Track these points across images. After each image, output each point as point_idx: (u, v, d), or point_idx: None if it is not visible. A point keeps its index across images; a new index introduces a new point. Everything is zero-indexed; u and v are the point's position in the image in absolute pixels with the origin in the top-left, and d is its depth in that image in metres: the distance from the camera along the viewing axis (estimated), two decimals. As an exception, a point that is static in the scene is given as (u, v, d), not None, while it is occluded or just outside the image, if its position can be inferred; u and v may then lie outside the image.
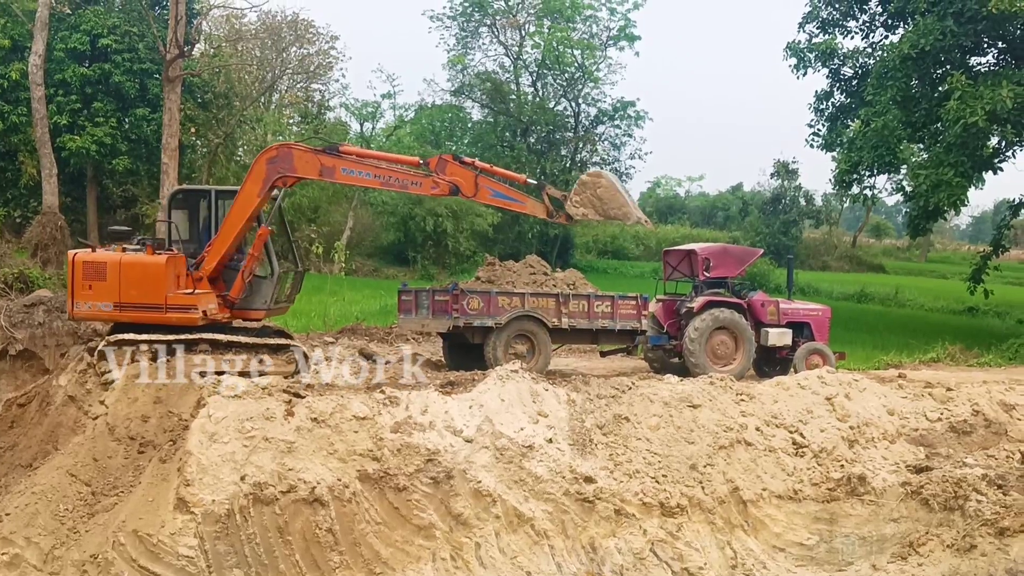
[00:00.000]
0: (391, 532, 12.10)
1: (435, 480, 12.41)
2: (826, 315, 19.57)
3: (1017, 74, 25.27)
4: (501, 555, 12.40)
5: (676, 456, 13.55)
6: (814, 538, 13.54)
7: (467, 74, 54.25)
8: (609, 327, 17.59)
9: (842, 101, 34.43)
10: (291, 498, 11.70)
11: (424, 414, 13.13)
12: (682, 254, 19.61)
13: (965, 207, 31.98)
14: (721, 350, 17.92)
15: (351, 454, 12.29)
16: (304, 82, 49.22)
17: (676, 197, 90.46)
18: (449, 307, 16.64)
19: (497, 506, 12.53)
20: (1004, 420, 15.76)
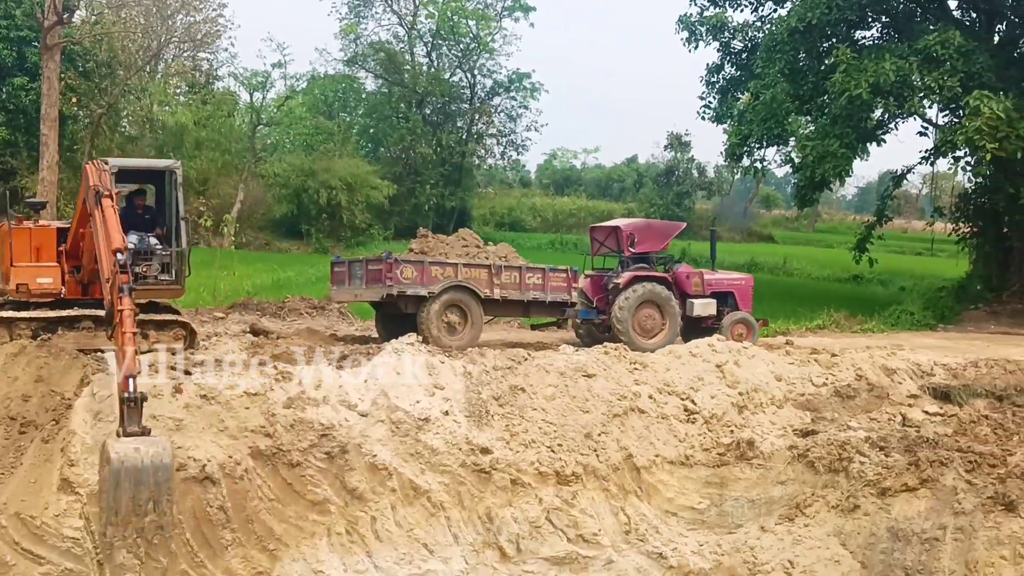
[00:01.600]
0: (285, 508, 11.96)
1: (330, 455, 12.30)
2: (749, 284, 19.99)
3: (899, 48, 25.93)
4: (397, 528, 12.38)
5: (571, 425, 13.66)
6: (705, 502, 13.82)
7: (360, 44, 53.58)
8: (540, 299, 17.80)
9: (733, 74, 34.92)
10: (181, 476, 11.42)
11: (318, 389, 12.97)
12: (608, 230, 19.88)
13: (850, 178, 32.97)
14: (648, 323, 18.15)
15: (242, 431, 12.08)
16: (191, 51, 47.97)
17: (572, 169, 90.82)
18: (383, 276, 16.68)
19: (393, 479, 12.48)
20: (886, 384, 16.31)
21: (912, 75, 24.96)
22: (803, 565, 13.12)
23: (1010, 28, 28.93)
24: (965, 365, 17.37)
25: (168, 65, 48.67)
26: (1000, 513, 12.57)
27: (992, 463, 13.36)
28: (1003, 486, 12.75)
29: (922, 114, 28.37)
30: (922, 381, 16.73)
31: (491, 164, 59.74)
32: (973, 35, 27.18)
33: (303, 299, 23.99)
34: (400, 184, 48.68)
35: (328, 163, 45.44)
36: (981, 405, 16.16)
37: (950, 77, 24.84)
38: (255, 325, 19.47)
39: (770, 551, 13.33)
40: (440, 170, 50.93)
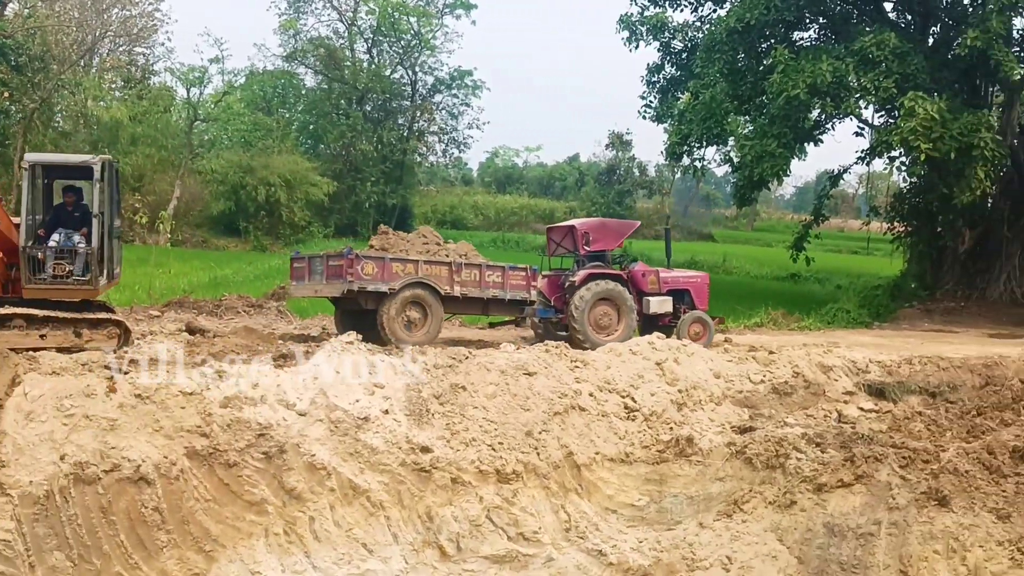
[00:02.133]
0: (221, 509, 11.80)
1: (267, 455, 12.15)
2: (704, 281, 20.21)
3: (836, 49, 26.29)
4: (336, 528, 12.28)
5: (512, 423, 13.63)
6: (644, 499, 13.88)
7: (299, 39, 53.07)
8: (500, 296, 17.85)
9: (673, 74, 35.12)
10: (115, 477, 11.24)
11: (255, 388, 12.82)
12: (564, 230, 19.99)
13: (788, 177, 33.35)
14: (604, 320, 18.28)
15: (178, 430, 11.88)
16: (127, 45, 47.17)
17: (514, 167, 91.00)
18: (344, 271, 16.64)
19: (332, 479, 12.37)
20: (822, 381, 16.52)
21: (848, 76, 25.31)
22: (741, 561, 13.23)
23: (944, 30, 29.47)
24: (899, 362, 17.65)
25: (103, 60, 47.80)
26: (933, 508, 12.77)
27: (925, 459, 13.58)
28: (936, 481, 12.96)
29: (858, 115, 28.78)
30: (857, 378, 16.97)
31: (433, 162, 59.64)
32: (908, 37, 27.65)
33: (240, 297, 23.70)
34: (340, 181, 48.32)
35: (267, 160, 44.96)
36: (915, 402, 16.44)
37: (885, 78, 25.23)
38: (191, 324, 19.18)
39: (708, 547, 13.43)
40: (381, 167, 50.66)
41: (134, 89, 47.11)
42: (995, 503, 12.64)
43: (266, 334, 18.69)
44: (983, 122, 25.25)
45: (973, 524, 12.50)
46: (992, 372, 17.28)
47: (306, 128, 56.36)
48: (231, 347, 16.00)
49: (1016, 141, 29.59)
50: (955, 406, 16.25)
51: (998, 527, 12.44)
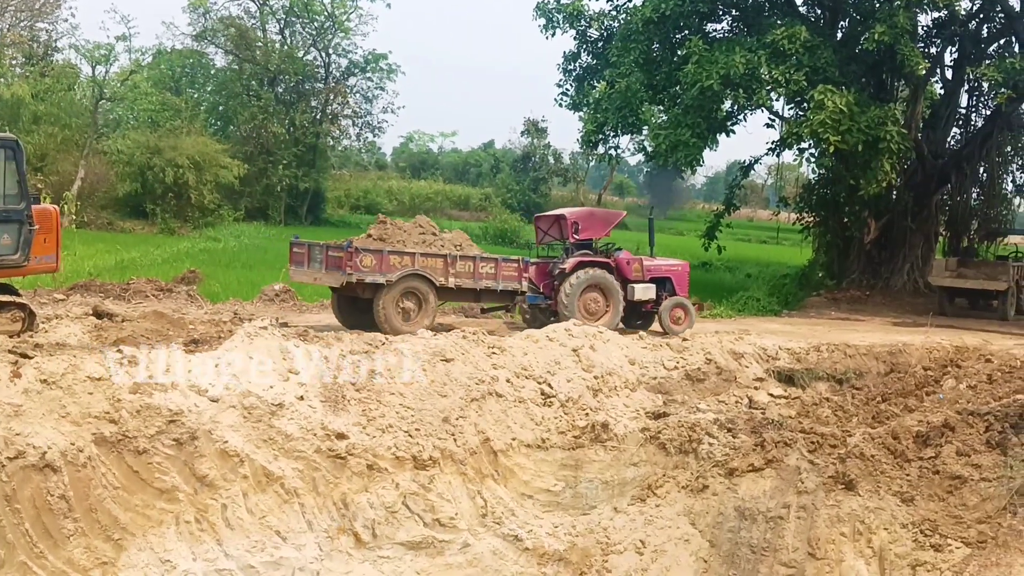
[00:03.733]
0: (131, 496, 11.54)
1: (178, 441, 11.91)
2: (685, 269, 21.06)
3: (749, 41, 26.67)
4: (249, 515, 12.12)
5: (429, 410, 13.59)
6: (560, 484, 13.98)
7: (209, 18, 51.92)
8: (492, 287, 18.35)
9: (589, 62, 35.20)
10: (19, 464, 10.88)
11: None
12: (552, 219, 20.62)
13: (701, 167, 33.73)
14: (592, 307, 18.87)
15: (85, 417, 11.57)
16: (28, 20, 45.59)
17: (429, 153, 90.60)
18: (343, 263, 17.09)
19: (245, 466, 12.19)
20: (734, 368, 16.80)
21: (760, 68, 25.67)
22: (654, 544, 13.44)
23: (852, 25, 30.07)
24: (808, 349, 18.02)
25: (3, 35, 46.13)
26: (840, 492, 13.11)
27: (833, 443, 13.92)
28: (843, 466, 13.29)
29: (769, 106, 29.25)
30: (768, 365, 17.28)
31: (346, 145, 58.97)
32: (818, 31, 28.17)
33: (149, 281, 23.15)
34: (251, 164, 47.48)
35: (175, 141, 43.86)
36: (823, 388, 16.81)
37: (796, 71, 25.69)
38: (99, 307, 18.68)
39: (623, 531, 13.61)
40: (293, 150, 49.99)
41: (36, 66, 45.62)
42: (899, 487, 13.02)
43: (176, 318, 18.30)
44: (889, 116, 25.89)
45: (878, 507, 12.87)
46: (896, 359, 17.75)
47: (216, 109, 55.30)
48: (140, 332, 15.66)
49: (920, 134, 30.43)
50: (861, 392, 16.67)
51: (902, 510, 12.82)
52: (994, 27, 31.55)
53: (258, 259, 31.51)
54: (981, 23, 31.49)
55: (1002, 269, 27.04)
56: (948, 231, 34.21)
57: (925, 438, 13.61)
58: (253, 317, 17.31)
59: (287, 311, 20.75)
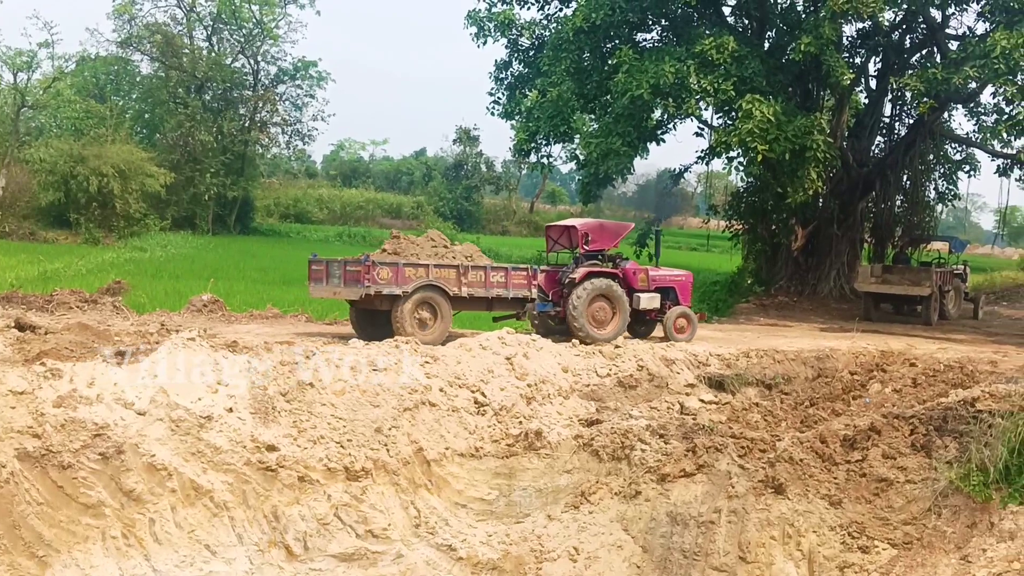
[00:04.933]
0: (55, 512, 11.30)
1: (104, 456, 11.69)
2: (688, 279, 21.42)
3: (678, 51, 26.88)
4: (178, 530, 11.94)
5: (361, 420, 13.50)
6: (494, 493, 13.96)
7: (135, 25, 51.04)
8: (503, 295, 18.88)
9: (520, 71, 35.23)
10: (-63, 482, 10.60)
11: (91, 387, 12.31)
12: (562, 229, 21.15)
13: (632, 175, 33.92)
14: (600, 315, 19.15)
15: (8, 431, 11.30)
16: (-54, 26, 44.39)
17: (360, 161, 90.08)
18: (361, 277, 17.57)
19: (173, 480, 12.01)
20: (665, 374, 16.94)
21: (689, 78, 25.88)
22: (587, 551, 13.48)
23: (779, 35, 30.49)
24: (738, 355, 18.23)
25: (-81, 40, 44.95)
26: (770, 496, 13.28)
27: (762, 448, 14.10)
28: (772, 470, 13.47)
29: (698, 115, 29.49)
30: (698, 371, 17.46)
31: (276, 153, 58.42)
32: (746, 41, 28.51)
33: (73, 292, 22.61)
34: (178, 172, 46.76)
35: (99, 149, 43.02)
36: (752, 393, 17.03)
37: (724, 81, 25.96)
38: (21, 320, 18.16)
39: (556, 538, 13.63)
40: (221, 158, 49.38)
41: (-47, 72, 44.49)
42: (827, 490, 13.23)
43: (101, 330, 17.91)
44: (815, 125, 26.29)
45: (807, 510, 13.06)
46: (823, 364, 18.05)
47: (141, 117, 54.36)
48: (64, 344, 15.28)
49: (845, 143, 30.98)
50: (790, 397, 16.92)
51: (830, 513, 13.03)
52: (916, 38, 32.27)
53: (185, 269, 31.03)
54: (904, 34, 32.19)
55: (925, 275, 27.61)
56: (873, 238, 34.87)
57: (852, 441, 13.84)
58: (181, 328, 17.00)
59: (215, 322, 20.42)
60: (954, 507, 12.36)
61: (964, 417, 13.50)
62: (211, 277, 26.59)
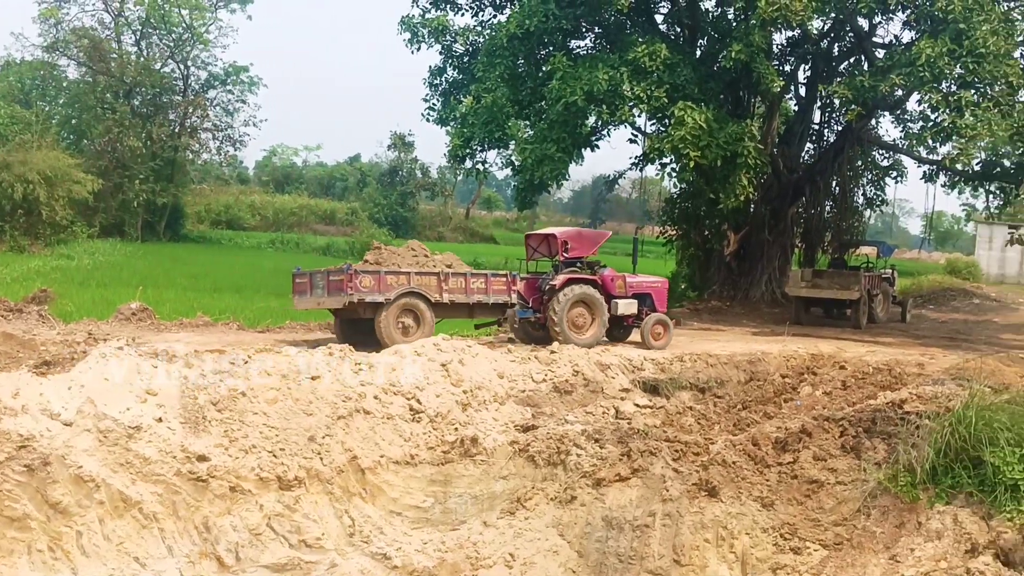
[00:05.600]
0: (-22, 527, 10.99)
1: (29, 468, 11.43)
2: (664, 286, 22.20)
3: (611, 58, 27.06)
4: (106, 542, 11.72)
5: (294, 428, 13.37)
6: (429, 500, 13.90)
7: (61, 29, 50.09)
8: (484, 301, 19.43)
9: (455, 77, 35.21)
10: None
11: (15, 398, 12.03)
12: (541, 237, 21.64)
13: (567, 181, 34.08)
14: (579, 321, 19.69)
15: (-72, 444, 10.98)
16: None
17: (293, 166, 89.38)
18: (344, 285, 17.93)
19: (101, 491, 11.78)
20: (600, 379, 17.01)
21: (623, 85, 26.05)
22: (523, 557, 13.46)
23: (710, 43, 30.82)
24: (672, 360, 18.38)
25: None
26: (704, 499, 13.39)
27: (696, 451, 14.22)
28: (706, 473, 13.59)
29: (632, 122, 29.68)
30: (633, 375, 17.57)
31: (206, 159, 57.62)
32: (678, 49, 28.80)
33: (-3, 301, 22.08)
34: (106, 179, 45.90)
35: (25, 155, 41.97)
36: (686, 397, 17.17)
37: (657, 88, 26.18)
38: (-60, 330, 17.72)
39: (492, 545, 13.59)
40: (151, 164, 48.62)
41: None
42: (760, 492, 13.37)
43: (27, 340, 17.53)
44: (746, 131, 26.63)
45: (740, 512, 13.19)
46: (756, 368, 18.28)
47: (68, 122, 53.28)
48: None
49: (776, 150, 31.43)
50: (723, 400, 17.09)
51: (763, 515, 13.17)
52: (844, 46, 32.89)
53: (113, 277, 30.46)
54: (832, 42, 32.77)
55: (854, 279, 28.11)
56: (803, 243, 35.44)
57: (784, 444, 14.02)
58: (109, 337, 16.70)
59: (144, 330, 20.08)
60: (883, 507, 12.56)
61: (892, 419, 13.77)
62: (140, 285, 26.11)
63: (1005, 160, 28.94)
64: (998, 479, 11.79)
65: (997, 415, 12.22)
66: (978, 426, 12.07)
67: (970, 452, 12.07)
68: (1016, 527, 11.34)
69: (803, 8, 24.67)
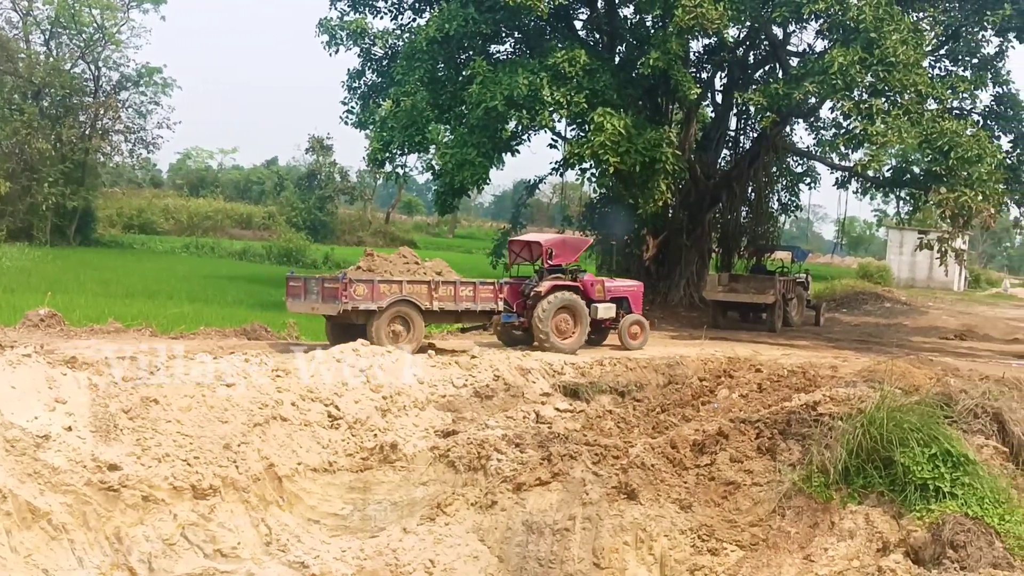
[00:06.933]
0: None
1: (-71, 480, 11.01)
2: (640, 290, 22.87)
3: (531, 63, 27.17)
4: (13, 554, 11.37)
5: (209, 436, 13.13)
6: (348, 507, 13.77)
7: (-35, 29, 48.65)
8: (472, 308, 19.87)
9: (374, 80, 35.02)
10: None
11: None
12: (524, 243, 22.37)
13: (487, 186, 34.10)
14: (563, 326, 20.32)
15: None
16: None
17: (208, 170, 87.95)
18: (339, 294, 18.33)
19: (8, 502, 11.42)
20: (521, 383, 17.01)
21: (543, 90, 26.17)
22: (443, 563, 13.37)
23: (629, 50, 31.15)
24: (592, 364, 18.47)
25: None
26: (623, 501, 13.45)
27: (616, 455, 14.29)
28: (625, 476, 13.66)
29: (552, 127, 29.79)
30: (554, 380, 17.61)
31: (118, 162, 56.38)
32: (597, 55, 29.05)
33: (-101, 307, 21.33)
34: (13, 182, 44.77)
35: (-73, 156, 40.86)
36: (606, 401, 17.25)
37: (577, 93, 26.36)
38: None
39: (412, 552, 13.47)
40: (60, 167, 47.42)
41: None
42: (678, 494, 13.49)
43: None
44: (664, 138, 26.94)
45: (659, 515, 13.28)
46: (674, 371, 18.44)
47: (-28, 124, 51.77)
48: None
49: (693, 156, 31.84)
50: (642, 404, 17.20)
51: (681, 516, 13.28)
52: (759, 54, 33.50)
53: (21, 282, 29.59)
54: (748, 50, 33.36)
55: (769, 283, 28.61)
56: (720, 248, 35.95)
57: (701, 446, 14.16)
58: (16, 344, 16.19)
59: (53, 337, 19.51)
60: (797, 508, 12.76)
61: (807, 420, 13.99)
62: (49, 291, 25.39)
63: (915, 167, 29.73)
64: (908, 479, 12.08)
65: (907, 416, 12.51)
66: (889, 427, 12.34)
67: (881, 452, 12.34)
68: (926, 526, 11.62)
69: (719, 17, 25.07)
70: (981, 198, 24.12)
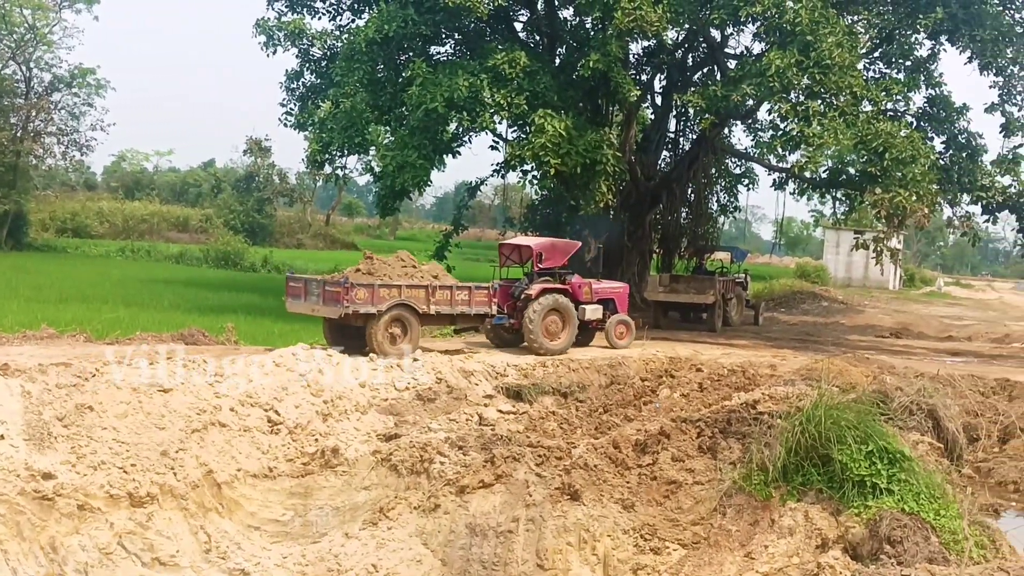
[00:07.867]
0: None
1: None
2: (625, 291, 23.55)
3: (471, 65, 27.13)
4: (-57, 568, 11.03)
5: (146, 443, 12.90)
6: (289, 513, 13.61)
7: None
8: (467, 311, 20.21)
9: (313, 81, 34.75)
10: None
11: None
12: (513, 247, 22.91)
13: (429, 188, 33.97)
14: (553, 328, 20.86)
15: None
16: None
17: (144, 172, 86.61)
18: (340, 297, 18.50)
19: (-64, 514, 11.09)
20: (464, 386, 16.99)
21: (483, 91, 26.15)
22: (386, 568, 13.28)
23: (569, 52, 31.24)
24: (534, 365, 18.51)
25: None
26: (566, 502, 13.47)
27: (559, 456, 14.31)
28: (568, 476, 13.68)
29: (493, 129, 29.79)
30: (497, 382, 17.63)
31: (51, 165, 55.15)
32: (538, 57, 29.09)
33: None
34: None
35: None
36: (549, 402, 17.31)
37: (517, 95, 26.40)
38: None
39: (354, 557, 13.36)
40: (-9, 171, 46.32)
41: None
42: (621, 494, 13.55)
43: None
44: (605, 139, 27.09)
45: (602, 515, 13.32)
46: (616, 372, 18.56)
47: (-102, 126, 50.43)
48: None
49: (633, 157, 32.02)
50: (584, 405, 17.29)
51: (624, 516, 13.34)
52: (698, 57, 33.79)
53: (-49, 288, 28.86)
54: (687, 53, 33.62)
55: (709, 284, 28.89)
56: (661, 249, 36.20)
57: (643, 446, 14.24)
58: (-56, 351, 15.82)
59: (-16, 343, 19.08)
60: (738, 506, 12.87)
61: (746, 419, 14.14)
62: (-20, 296, 24.82)
63: (850, 168, 30.20)
64: (846, 476, 12.23)
65: (844, 414, 12.67)
66: (826, 425, 12.49)
67: (819, 450, 12.49)
68: (863, 522, 11.78)
69: (658, 19, 25.25)
70: (915, 198, 24.57)
